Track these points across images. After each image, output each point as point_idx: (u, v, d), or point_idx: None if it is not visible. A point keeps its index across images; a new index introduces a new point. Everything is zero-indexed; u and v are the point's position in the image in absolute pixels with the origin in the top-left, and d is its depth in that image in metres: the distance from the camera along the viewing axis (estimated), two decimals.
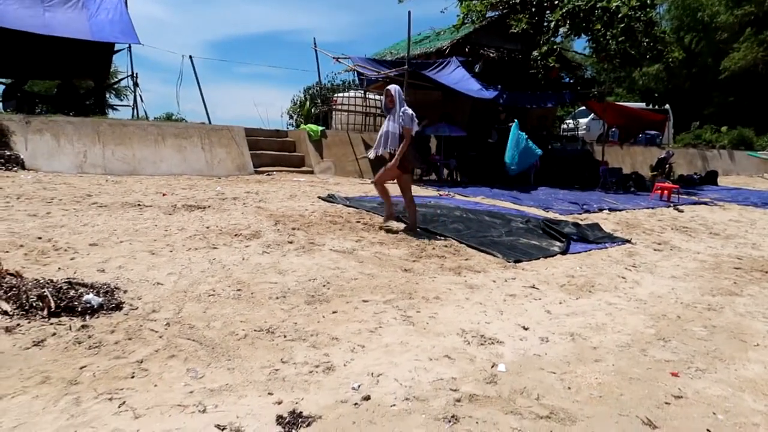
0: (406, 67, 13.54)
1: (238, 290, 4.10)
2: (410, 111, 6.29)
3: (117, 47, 16.51)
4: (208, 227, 5.86)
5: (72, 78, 16.37)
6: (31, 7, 14.42)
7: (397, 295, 4.31)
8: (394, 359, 3.23)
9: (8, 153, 9.48)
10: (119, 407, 2.53)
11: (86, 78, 16.98)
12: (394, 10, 52.82)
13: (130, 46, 15.83)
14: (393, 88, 6.38)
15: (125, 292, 3.84)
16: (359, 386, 2.88)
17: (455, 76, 14.62)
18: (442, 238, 6.43)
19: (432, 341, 3.53)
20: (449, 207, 8.60)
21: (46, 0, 14.71)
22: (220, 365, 3.00)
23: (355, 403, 2.71)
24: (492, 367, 3.23)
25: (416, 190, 10.33)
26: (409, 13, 24.05)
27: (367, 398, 2.77)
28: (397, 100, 6.31)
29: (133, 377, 2.80)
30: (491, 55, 17.52)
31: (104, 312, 3.50)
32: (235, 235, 5.61)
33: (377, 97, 17.03)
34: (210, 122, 14.25)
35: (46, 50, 14.51)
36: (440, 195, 10.81)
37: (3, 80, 16.03)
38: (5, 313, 3.30)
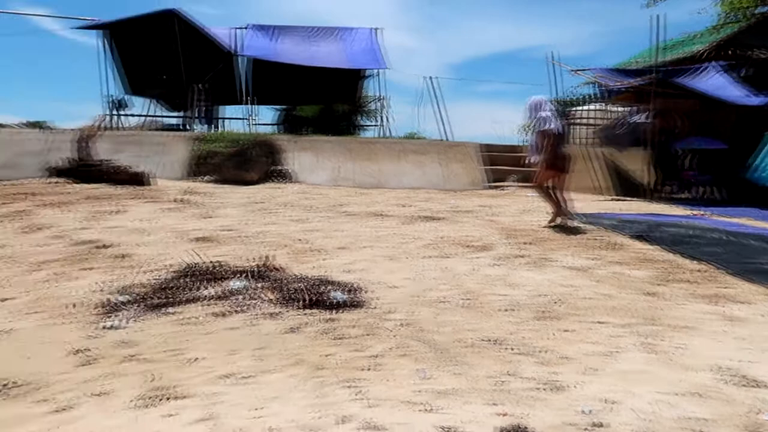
0: (653, 75, 12.40)
1: (468, 299, 4.17)
2: (544, 113, 6.60)
3: (368, 73, 18.21)
4: (441, 237, 6.08)
5: (331, 102, 18.47)
6: (300, 44, 16.71)
7: (637, 320, 3.94)
8: (631, 388, 2.94)
9: (280, 168, 11.14)
10: (356, 395, 2.75)
11: (342, 102, 19.01)
12: (639, 18, 48.92)
13: (378, 72, 17.26)
14: (529, 100, 6.76)
15: (366, 292, 4.18)
16: (590, 411, 2.69)
17: (714, 83, 12.93)
18: (694, 261, 5.70)
19: (678, 374, 3.13)
20: (704, 228, 7.60)
21: (312, 36, 16.87)
22: (447, 369, 3.07)
23: (585, 429, 2.53)
24: (756, 413, 2.74)
25: (663, 209, 9.35)
26: (658, 17, 21.99)
27: (599, 425, 2.57)
28: (529, 111, 6.72)
29: (369, 370, 3.02)
30: (762, 56, 15.08)
31: (347, 308, 3.85)
32: (467, 246, 5.73)
33: (620, 109, 15.89)
34: (447, 139, 14.84)
35: (311, 80, 16.64)
36: (693, 215, 9.61)
37: (279, 107, 18.85)
38: (271, 301, 3.85)
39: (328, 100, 18.39)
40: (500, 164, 13.34)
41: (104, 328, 3.32)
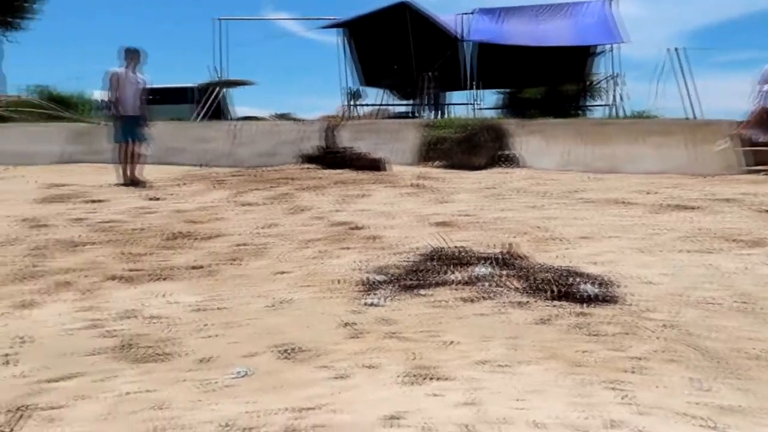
0: None
1: (743, 302, 3.63)
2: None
3: (599, 49, 17.00)
4: (699, 229, 5.41)
5: (558, 83, 17.66)
6: (527, 24, 16.23)
7: None
8: None
9: (507, 152, 11.01)
10: (622, 399, 2.56)
11: (570, 82, 18.07)
12: None
13: (612, 47, 16.02)
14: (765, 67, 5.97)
15: (618, 286, 3.89)
16: None
17: None
18: None
19: None
20: None
21: (539, 15, 16.27)
22: (727, 382, 2.70)
23: None
24: None
25: None
26: None
27: None
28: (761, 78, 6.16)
29: (632, 372, 2.79)
30: None
31: (599, 303, 3.62)
32: (734, 240, 5.00)
33: None
34: (694, 117, 13.19)
35: (537, 60, 16.09)
36: None
37: (502, 90, 18.64)
38: (517, 289, 3.80)
39: (554, 80, 17.63)
40: (762, 145, 11.44)
41: (365, 304, 3.60)
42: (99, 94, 15.32)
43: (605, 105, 17.27)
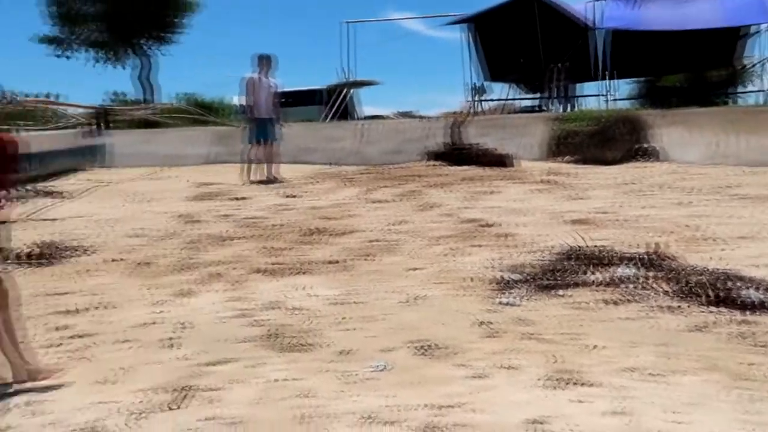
0: None
1: None
2: None
3: (752, 30, 15.37)
4: None
5: (702, 69, 16.21)
6: (666, 8, 15.02)
7: None
8: None
9: (645, 145, 10.25)
10: None
11: (716, 67, 16.52)
12: None
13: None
14: None
15: None
16: None
17: None
18: None
19: None
20: None
21: None
22: None
23: None
24: None
25: None
26: None
27: None
28: None
29: None
30: None
31: (765, 310, 3.26)
32: None
33: None
34: None
35: (678, 45, 14.86)
36: None
37: (638, 79, 17.44)
38: (666, 293, 3.52)
39: (698, 66, 16.19)
40: None
41: (500, 303, 3.52)
42: (237, 99, 16.47)
43: (759, 91, 15.55)
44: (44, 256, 4.91)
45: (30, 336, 3.33)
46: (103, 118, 13.31)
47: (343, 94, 16.06)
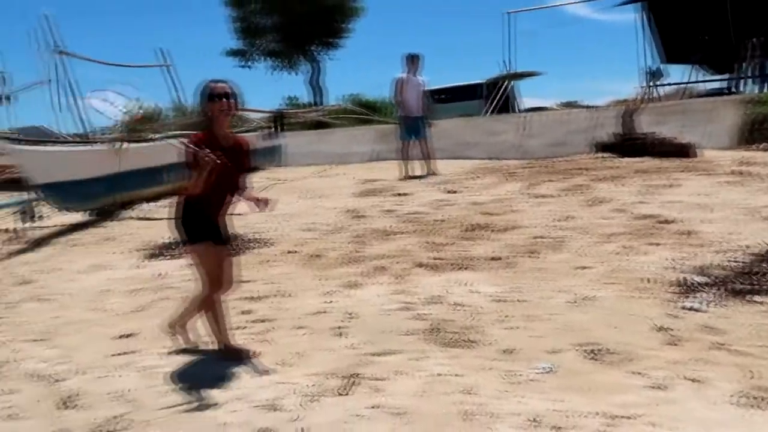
0: None
1: None
2: None
3: None
4: None
5: None
6: None
7: None
8: None
9: None
10: None
11: None
12: None
13: None
14: None
15: None
16: None
17: None
18: None
19: None
20: None
21: None
22: None
23: None
24: None
25: None
26: None
27: None
28: None
29: None
30: None
31: None
32: None
33: None
34: None
35: None
36: None
37: None
38: None
39: None
40: None
41: (683, 308, 3.19)
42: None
43: None
44: (232, 247, 5.45)
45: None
46: (279, 121, 14.45)
47: (503, 87, 15.71)
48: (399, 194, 6.91)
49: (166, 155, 9.22)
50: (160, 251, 5.57)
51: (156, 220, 7.24)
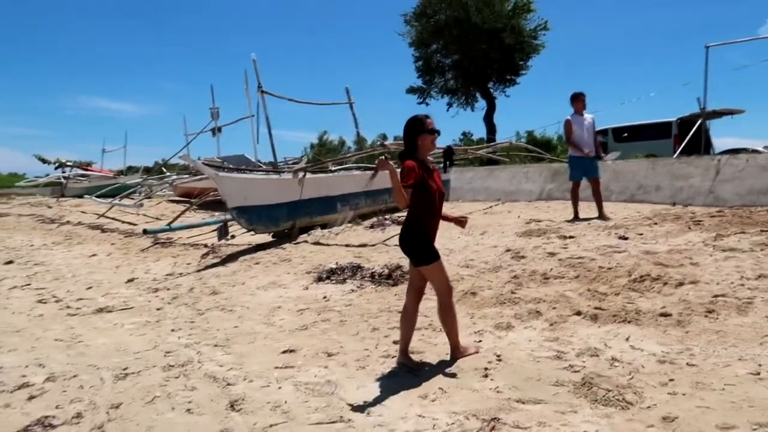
0: None
1: None
2: None
3: None
4: None
5: None
6: None
7: None
8: None
9: None
10: None
11: None
12: None
13: None
14: None
15: None
16: None
17: None
18: None
19: None
20: None
21: None
22: None
23: None
24: None
25: None
26: None
27: None
28: None
29: None
30: None
31: None
32: None
33: None
34: None
35: None
36: None
37: None
38: None
39: None
40: None
41: None
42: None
43: None
44: (391, 276, 5.67)
45: (372, 348, 3.90)
46: (449, 157, 14.72)
47: (696, 125, 14.33)
48: (564, 236, 6.62)
49: (342, 186, 9.95)
50: (327, 275, 5.97)
51: (327, 246, 7.78)
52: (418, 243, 3.40)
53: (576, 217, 7.96)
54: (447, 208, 3.76)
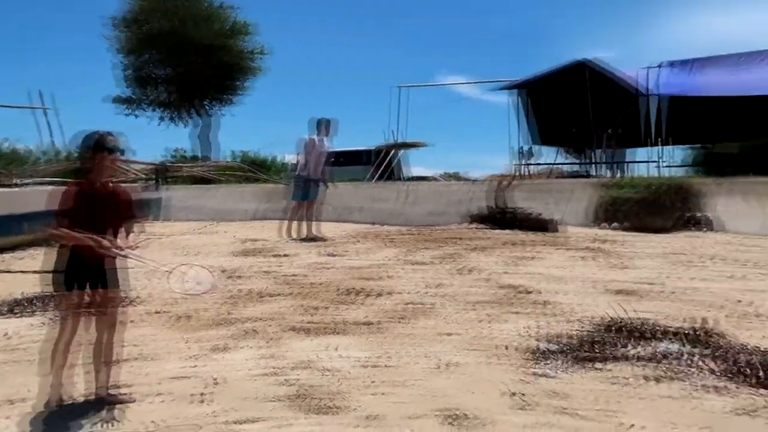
0: None
1: None
2: None
3: None
4: None
5: (761, 136, 15.74)
6: (727, 74, 14.84)
7: None
8: None
9: (698, 214, 9.95)
10: None
11: None
12: None
13: None
14: None
15: None
16: None
17: None
18: None
19: None
20: None
21: (742, 64, 14.89)
22: None
23: None
24: None
25: None
26: None
27: None
28: None
29: None
30: None
31: None
32: None
33: None
34: None
35: (736, 112, 14.57)
36: None
37: (692, 146, 17.10)
38: (713, 371, 3.35)
39: (757, 133, 15.76)
40: None
41: (535, 374, 3.42)
42: (289, 158, 17.05)
43: None
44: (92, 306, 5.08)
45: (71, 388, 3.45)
46: (162, 174, 13.96)
47: (390, 155, 16.36)
48: (279, 255, 6.87)
49: (29, 203, 8.57)
50: (9, 308, 5.07)
51: (9, 273, 6.61)
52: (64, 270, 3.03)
53: (295, 237, 8.33)
54: (160, 229, 3.57)
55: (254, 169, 16.82)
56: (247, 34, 22.52)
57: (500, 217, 9.83)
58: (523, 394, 3.14)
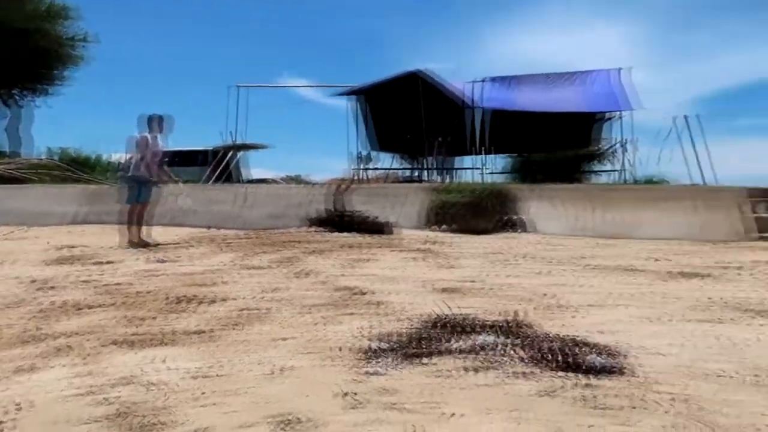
0: None
1: (756, 376, 3.52)
2: None
3: (607, 116, 17.37)
4: (709, 298, 5.33)
5: (564, 148, 17.89)
6: (537, 92, 16.70)
7: None
8: None
9: (514, 217, 11.05)
10: None
11: (576, 147, 18.35)
12: None
13: (620, 114, 16.39)
14: None
15: (625, 357, 3.81)
16: None
17: None
18: None
19: None
20: None
21: (550, 83, 16.79)
22: None
23: None
24: None
25: None
26: None
27: None
28: None
29: None
30: None
31: (606, 374, 3.54)
32: (746, 310, 4.91)
33: None
34: (704, 183, 13.24)
35: (545, 126, 16.43)
36: None
37: (512, 155, 18.91)
38: (522, 359, 3.73)
39: (562, 145, 17.92)
40: None
41: (366, 373, 3.53)
42: (117, 157, 15.76)
43: (613, 170, 17.42)
44: None
45: None
46: None
47: (228, 156, 15.88)
48: (101, 262, 6.32)
49: None
50: None
51: None
52: None
53: (129, 242, 7.72)
54: None
55: (75, 168, 15.28)
56: (67, 18, 20.43)
57: (339, 221, 10.04)
58: (355, 393, 3.23)
